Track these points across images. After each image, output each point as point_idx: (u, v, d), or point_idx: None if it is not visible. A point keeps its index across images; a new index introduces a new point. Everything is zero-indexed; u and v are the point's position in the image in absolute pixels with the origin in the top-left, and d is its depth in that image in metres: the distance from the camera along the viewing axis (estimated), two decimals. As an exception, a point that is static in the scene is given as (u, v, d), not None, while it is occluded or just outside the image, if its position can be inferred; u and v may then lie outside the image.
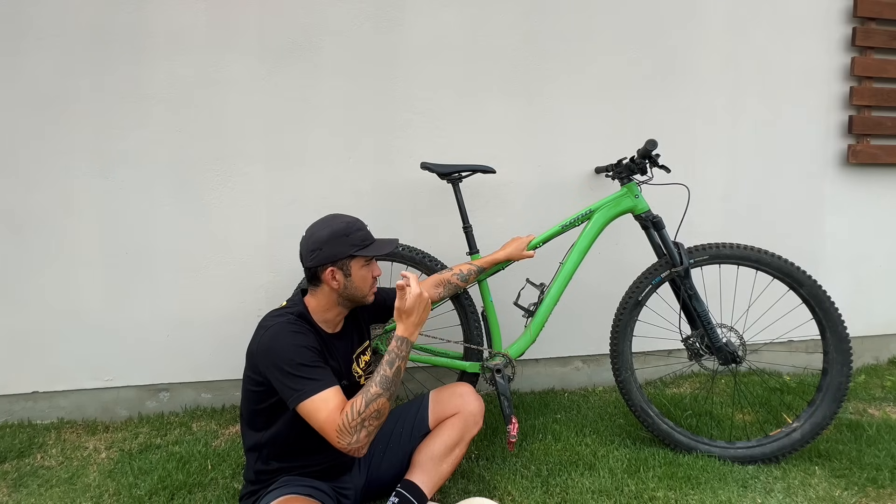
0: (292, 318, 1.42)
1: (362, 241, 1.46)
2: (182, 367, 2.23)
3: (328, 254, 1.42)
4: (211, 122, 2.14)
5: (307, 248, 1.45)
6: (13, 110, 2.04)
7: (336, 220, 1.48)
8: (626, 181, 1.97)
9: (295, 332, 1.39)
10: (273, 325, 1.40)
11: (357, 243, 1.45)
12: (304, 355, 1.35)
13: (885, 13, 2.53)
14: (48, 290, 2.12)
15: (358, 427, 1.28)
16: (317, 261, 1.43)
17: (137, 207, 2.14)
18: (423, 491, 1.48)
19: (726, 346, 1.88)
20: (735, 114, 2.49)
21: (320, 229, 1.46)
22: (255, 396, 1.42)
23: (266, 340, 1.38)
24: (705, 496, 1.65)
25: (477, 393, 1.66)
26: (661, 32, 2.40)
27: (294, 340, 1.36)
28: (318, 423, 1.29)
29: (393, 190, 2.27)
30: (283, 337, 1.37)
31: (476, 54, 2.28)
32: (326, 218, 1.51)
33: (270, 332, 1.38)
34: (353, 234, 1.45)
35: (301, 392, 1.30)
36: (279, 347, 1.35)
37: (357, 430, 1.28)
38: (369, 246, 1.47)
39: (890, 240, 2.71)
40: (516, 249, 1.92)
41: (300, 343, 1.36)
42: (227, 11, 2.12)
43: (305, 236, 1.48)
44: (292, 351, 1.34)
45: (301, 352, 1.35)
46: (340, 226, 1.46)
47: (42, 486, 1.76)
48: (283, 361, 1.33)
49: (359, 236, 1.46)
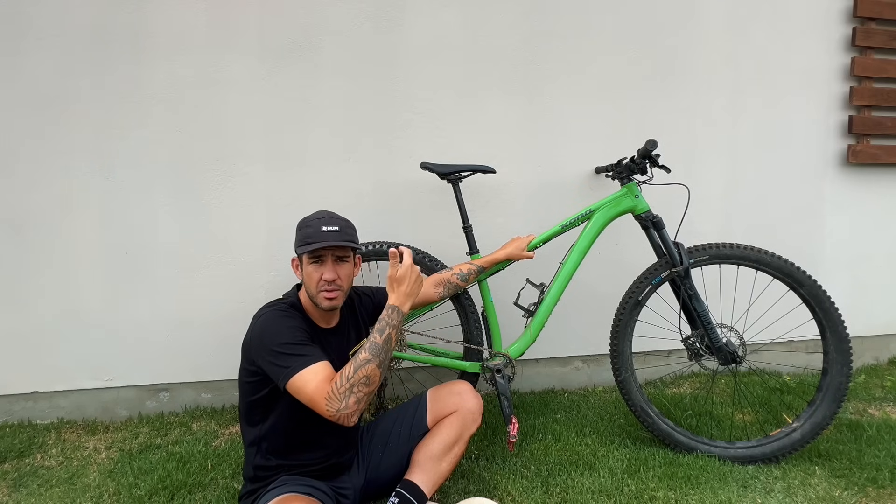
0: (284, 306, 1.46)
1: (304, 238, 1.43)
2: (182, 367, 2.23)
3: (295, 244, 1.47)
4: (211, 122, 2.14)
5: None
6: (13, 110, 2.04)
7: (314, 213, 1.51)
8: (626, 181, 1.97)
9: (284, 316, 1.42)
10: (264, 313, 1.44)
11: (300, 240, 1.45)
12: (293, 335, 1.37)
13: (885, 13, 2.54)
14: (48, 290, 2.12)
15: (347, 393, 1.27)
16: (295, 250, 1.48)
17: (137, 207, 2.14)
18: (423, 490, 1.48)
19: (726, 346, 1.88)
20: (735, 114, 2.49)
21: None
22: (250, 388, 1.44)
23: (257, 328, 1.41)
24: (705, 496, 1.65)
25: (475, 391, 1.66)
26: (661, 32, 2.40)
27: (284, 323, 1.39)
28: (308, 395, 1.29)
29: (393, 190, 2.27)
30: (272, 321, 1.40)
31: (476, 54, 2.28)
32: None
33: (262, 321, 1.42)
34: (301, 230, 1.46)
35: (290, 368, 1.31)
36: (269, 330, 1.38)
37: (346, 396, 1.27)
38: (307, 244, 1.41)
39: (890, 240, 2.71)
40: (516, 249, 1.92)
41: (288, 325, 1.39)
42: (227, 11, 2.12)
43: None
44: (281, 332, 1.37)
45: (289, 332, 1.37)
46: (305, 218, 1.49)
47: (42, 486, 1.76)
48: (272, 343, 1.35)
49: (304, 233, 1.45)
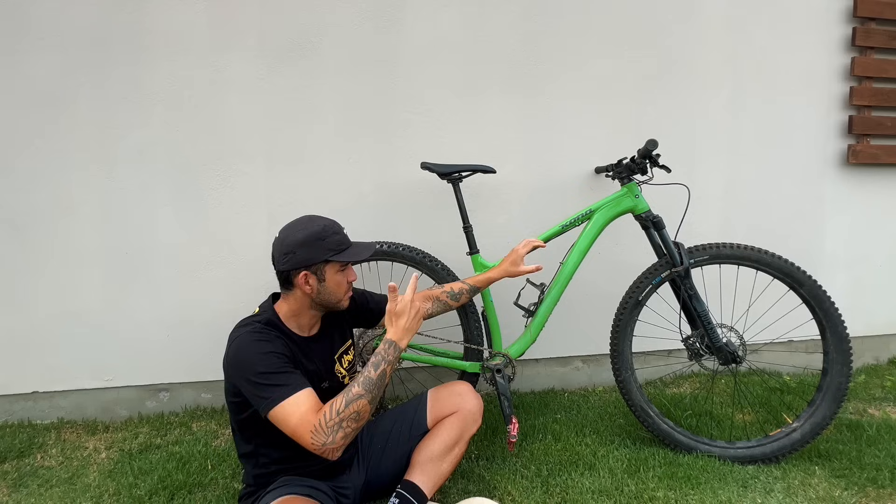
0: (258, 326, 1.38)
1: (338, 245, 1.41)
2: (182, 367, 2.23)
3: (302, 258, 1.38)
4: (211, 122, 2.14)
5: (280, 251, 1.40)
6: (13, 110, 2.04)
7: (312, 222, 1.42)
8: (627, 181, 1.97)
9: (259, 340, 1.35)
10: (237, 336, 1.37)
11: (333, 247, 1.40)
12: (270, 362, 1.31)
13: (885, 13, 2.53)
14: (48, 290, 2.12)
15: (335, 427, 1.24)
16: (290, 265, 1.38)
17: (137, 207, 2.14)
18: (423, 491, 1.48)
19: (726, 346, 1.88)
20: (735, 114, 2.49)
21: (295, 232, 1.40)
22: (235, 408, 1.41)
23: (231, 354, 1.35)
24: (705, 496, 1.65)
25: (475, 391, 1.66)
26: (661, 32, 2.40)
27: (258, 349, 1.33)
28: (291, 427, 1.25)
29: (393, 190, 2.27)
30: (246, 347, 1.34)
31: (476, 54, 2.28)
32: (302, 219, 1.45)
33: (235, 345, 1.35)
34: (329, 238, 1.40)
35: (269, 400, 1.27)
36: (244, 358, 1.32)
37: (334, 431, 1.24)
38: (345, 251, 1.42)
39: (890, 240, 2.71)
40: (512, 265, 1.80)
41: (264, 350, 1.33)
42: (227, 11, 2.12)
43: (279, 238, 1.42)
44: (256, 360, 1.31)
45: (265, 359, 1.31)
46: (316, 229, 1.40)
47: (42, 486, 1.76)
48: (249, 372, 1.30)
49: (335, 240, 1.40)
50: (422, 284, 2.20)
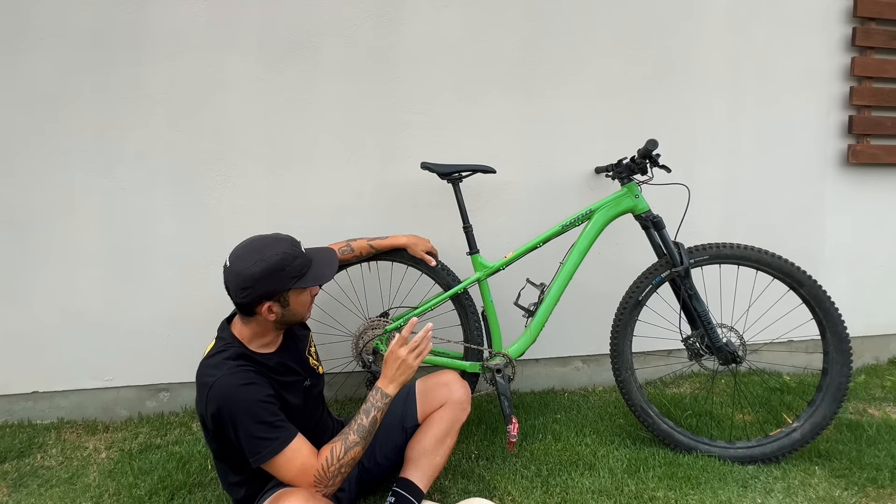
0: (233, 365, 1.30)
1: (300, 270, 1.35)
2: (182, 366, 2.22)
3: (263, 291, 1.31)
4: (211, 122, 2.14)
5: (237, 286, 1.31)
6: (13, 110, 2.04)
7: (267, 250, 1.32)
8: (627, 181, 1.97)
9: (242, 384, 1.28)
10: (215, 381, 1.28)
11: (295, 274, 1.34)
12: (262, 411, 1.27)
13: (885, 13, 2.53)
14: (48, 290, 2.12)
15: (335, 474, 1.30)
16: (250, 298, 1.31)
17: (137, 207, 2.14)
18: (419, 486, 1.50)
19: (726, 346, 1.88)
20: (735, 114, 2.49)
21: (251, 265, 1.30)
22: (218, 449, 1.39)
23: (214, 404, 1.27)
24: (705, 496, 1.65)
25: (461, 379, 1.66)
26: (661, 32, 2.40)
27: (247, 396, 1.27)
28: (290, 476, 1.27)
29: (393, 190, 2.27)
30: (231, 397, 1.26)
31: (476, 54, 2.28)
32: (255, 245, 1.35)
33: (218, 394, 1.27)
34: (289, 267, 1.33)
35: (266, 451, 1.26)
36: (234, 412, 1.26)
37: (334, 477, 1.30)
38: (307, 273, 1.37)
39: (890, 240, 2.71)
40: (419, 241, 1.94)
41: (252, 398, 1.27)
42: (227, 11, 2.11)
43: (232, 270, 1.32)
44: (246, 412, 1.26)
45: (255, 409, 1.26)
46: (275, 259, 1.31)
47: (42, 486, 1.76)
48: (239, 425, 1.26)
49: (296, 266, 1.34)
50: (422, 284, 2.21)
